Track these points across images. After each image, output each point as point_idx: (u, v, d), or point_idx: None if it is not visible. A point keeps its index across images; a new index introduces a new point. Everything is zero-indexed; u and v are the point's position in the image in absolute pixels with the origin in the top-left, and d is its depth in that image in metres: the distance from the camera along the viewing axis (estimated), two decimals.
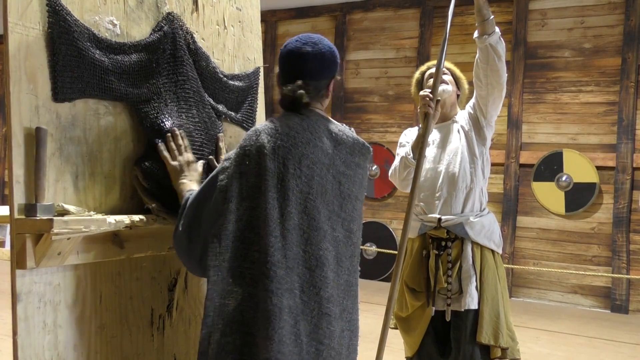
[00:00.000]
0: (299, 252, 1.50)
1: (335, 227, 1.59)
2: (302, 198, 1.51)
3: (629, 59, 5.95)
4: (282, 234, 1.46)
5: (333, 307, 1.56)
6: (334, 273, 1.58)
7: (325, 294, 1.53)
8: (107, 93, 1.63)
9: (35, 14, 1.47)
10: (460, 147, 2.59)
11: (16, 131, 1.41)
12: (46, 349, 1.47)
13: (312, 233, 1.52)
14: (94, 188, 1.62)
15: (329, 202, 1.57)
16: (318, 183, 1.54)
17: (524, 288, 6.36)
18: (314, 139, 1.56)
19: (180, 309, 1.88)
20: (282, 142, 1.50)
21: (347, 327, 1.63)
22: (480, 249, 2.56)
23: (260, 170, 1.48)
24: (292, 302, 1.46)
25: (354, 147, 1.66)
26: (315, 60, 1.61)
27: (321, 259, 1.53)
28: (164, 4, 1.84)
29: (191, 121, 1.82)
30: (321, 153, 1.56)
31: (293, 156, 1.50)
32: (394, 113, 7.12)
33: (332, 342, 1.56)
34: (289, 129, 1.52)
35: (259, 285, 1.43)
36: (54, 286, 1.49)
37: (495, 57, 2.43)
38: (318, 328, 1.53)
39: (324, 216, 1.55)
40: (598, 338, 4.93)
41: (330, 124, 1.65)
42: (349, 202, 1.63)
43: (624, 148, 5.94)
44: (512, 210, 6.40)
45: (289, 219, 1.48)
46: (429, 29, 6.92)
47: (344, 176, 1.62)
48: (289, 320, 1.45)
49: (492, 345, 2.47)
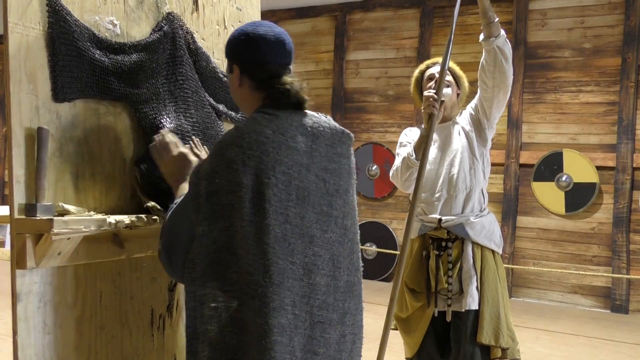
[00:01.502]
0: (286, 265, 1.39)
1: (325, 228, 1.49)
2: (282, 207, 1.40)
3: (629, 59, 5.95)
4: (262, 250, 1.36)
5: (327, 314, 1.48)
6: (329, 277, 1.49)
7: (315, 302, 1.45)
8: (107, 93, 1.63)
9: (35, 14, 1.47)
10: (461, 148, 2.59)
11: (16, 131, 1.41)
12: (46, 349, 1.47)
13: (297, 241, 1.42)
14: (94, 188, 1.62)
15: (315, 204, 1.46)
16: (297, 187, 1.43)
17: (524, 288, 6.36)
18: (286, 140, 1.43)
19: (180, 309, 1.88)
20: (251, 152, 1.37)
21: (350, 331, 1.55)
22: (480, 249, 2.56)
23: (231, 186, 1.37)
24: (283, 320, 1.37)
25: (333, 138, 1.54)
26: (291, 47, 1.53)
27: (308, 266, 1.44)
28: (164, 4, 1.84)
29: (189, 121, 1.82)
30: (297, 154, 1.44)
31: (265, 165, 1.38)
32: (394, 113, 7.12)
33: (328, 351, 1.48)
34: (257, 134, 1.39)
35: (242, 307, 1.36)
36: (54, 286, 1.49)
37: (503, 59, 2.41)
38: (312, 339, 1.45)
39: (309, 220, 1.45)
40: (598, 338, 4.93)
41: (304, 117, 1.51)
42: (339, 198, 1.52)
43: (624, 148, 5.94)
44: (512, 210, 6.40)
45: (267, 232, 1.37)
46: (429, 29, 6.92)
47: (327, 172, 1.50)
48: (281, 339, 1.37)
49: (493, 345, 2.47)
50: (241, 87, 1.52)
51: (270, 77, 1.49)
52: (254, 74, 1.50)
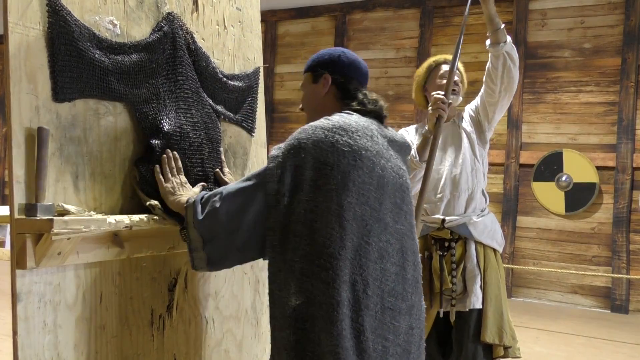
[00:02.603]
0: (361, 244, 1.48)
1: (397, 219, 1.59)
2: (364, 189, 1.50)
3: (629, 59, 5.95)
4: (341, 225, 1.45)
5: (396, 302, 1.54)
6: (399, 267, 1.57)
7: (385, 287, 1.52)
8: (107, 93, 1.63)
9: (35, 14, 1.46)
10: (463, 149, 2.59)
11: (16, 131, 1.41)
12: (46, 349, 1.47)
13: (374, 225, 1.51)
14: (94, 188, 1.62)
15: (391, 195, 1.58)
16: (379, 175, 1.54)
17: (523, 288, 6.36)
18: (371, 133, 1.57)
19: (180, 309, 1.88)
20: (339, 136, 1.50)
21: (417, 325, 1.62)
22: (483, 248, 2.57)
23: (316, 164, 1.47)
24: (351, 295, 1.44)
25: (402, 146, 1.71)
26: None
27: (381, 251, 1.52)
28: (164, 4, 1.84)
29: (189, 121, 1.82)
30: (379, 147, 1.57)
31: (352, 148, 1.49)
32: (394, 113, 7.12)
33: (397, 339, 1.54)
34: (345, 123, 1.53)
35: (313, 278, 1.43)
36: (54, 286, 1.49)
37: (511, 64, 2.45)
38: (382, 323, 1.51)
39: (385, 208, 1.55)
40: (598, 338, 4.93)
41: (380, 125, 1.68)
42: (408, 195, 1.66)
43: (624, 148, 5.94)
44: (512, 210, 6.40)
45: (348, 209, 1.46)
46: (429, 29, 6.92)
47: (401, 169, 1.65)
48: (348, 313, 1.43)
49: (496, 344, 2.47)
50: (326, 95, 1.72)
51: (356, 89, 1.70)
52: (342, 85, 1.71)
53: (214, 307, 2.02)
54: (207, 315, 1.99)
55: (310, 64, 1.77)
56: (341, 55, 1.73)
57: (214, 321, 2.01)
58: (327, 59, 1.74)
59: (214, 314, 2.02)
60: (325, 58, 1.74)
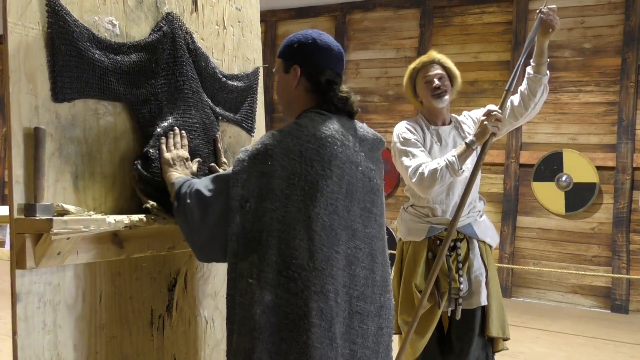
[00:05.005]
0: (330, 253, 1.47)
1: (367, 223, 1.59)
2: (332, 198, 1.49)
3: (629, 59, 5.95)
4: (310, 236, 1.44)
5: (365, 305, 1.55)
6: (368, 270, 1.57)
7: (354, 292, 1.53)
8: (106, 93, 1.63)
9: (34, 14, 1.47)
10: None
11: (16, 131, 1.41)
12: (46, 349, 1.47)
13: (343, 232, 1.51)
14: (93, 188, 1.62)
15: (360, 200, 1.57)
16: (348, 182, 1.54)
17: (524, 288, 6.36)
18: (342, 137, 1.54)
19: (180, 309, 1.88)
20: (309, 145, 1.48)
21: (387, 325, 1.62)
22: (484, 246, 2.64)
23: (284, 173, 1.46)
24: (323, 304, 1.44)
25: (373, 143, 1.68)
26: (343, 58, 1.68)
27: (350, 257, 1.53)
28: (163, 4, 1.84)
29: (189, 122, 1.82)
30: (349, 152, 1.56)
31: (322, 157, 1.48)
32: (394, 113, 7.12)
33: (365, 341, 1.55)
34: (315, 129, 1.51)
35: (279, 288, 1.43)
36: (53, 286, 1.49)
37: (545, 93, 2.64)
38: (350, 328, 1.52)
39: (354, 214, 1.55)
40: (598, 338, 4.93)
41: (351, 122, 1.65)
42: (378, 197, 1.65)
43: (624, 148, 5.94)
44: (512, 210, 6.40)
45: (317, 220, 1.46)
46: (429, 29, 6.92)
47: (371, 172, 1.63)
48: (320, 323, 1.43)
49: (500, 337, 2.56)
50: (297, 88, 1.63)
51: (328, 82, 1.61)
52: (313, 77, 1.61)
53: (213, 307, 2.02)
54: (207, 315, 1.99)
55: (282, 49, 1.68)
56: (312, 42, 1.62)
57: (213, 321, 2.01)
58: (297, 47, 1.63)
59: (214, 314, 2.02)
60: (295, 47, 1.63)
